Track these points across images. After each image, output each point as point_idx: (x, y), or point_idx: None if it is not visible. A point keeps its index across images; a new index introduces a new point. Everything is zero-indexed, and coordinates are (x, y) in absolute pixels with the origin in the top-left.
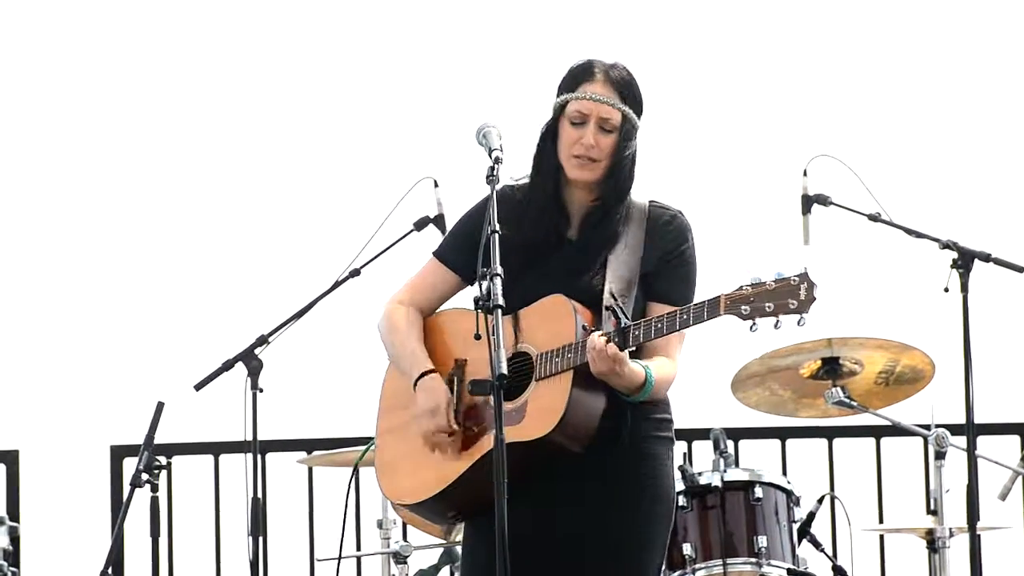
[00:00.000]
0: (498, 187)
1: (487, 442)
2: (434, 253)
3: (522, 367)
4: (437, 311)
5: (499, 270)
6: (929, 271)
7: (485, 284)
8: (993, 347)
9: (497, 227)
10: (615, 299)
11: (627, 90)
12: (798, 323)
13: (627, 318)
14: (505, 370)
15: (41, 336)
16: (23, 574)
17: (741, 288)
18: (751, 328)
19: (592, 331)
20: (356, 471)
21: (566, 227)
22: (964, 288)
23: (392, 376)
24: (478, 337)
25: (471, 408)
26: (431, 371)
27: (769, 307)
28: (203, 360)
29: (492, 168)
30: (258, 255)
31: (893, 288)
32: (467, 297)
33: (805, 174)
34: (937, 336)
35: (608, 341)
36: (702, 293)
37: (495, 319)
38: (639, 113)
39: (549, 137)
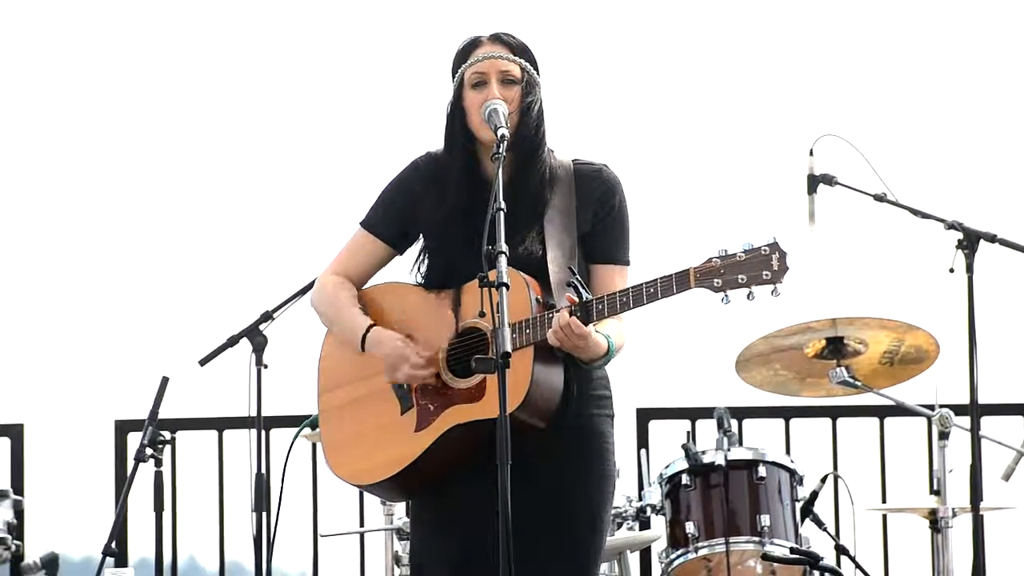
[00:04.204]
0: (420, 156)
1: (446, 420)
2: (361, 223)
3: (475, 343)
4: (371, 284)
5: (504, 247)
6: (934, 251)
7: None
8: (998, 328)
9: (503, 205)
10: (573, 273)
11: (518, 47)
12: (772, 293)
13: (587, 292)
14: (509, 348)
15: (47, 311)
16: (27, 548)
17: (710, 260)
18: (723, 300)
19: (545, 303)
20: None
21: (487, 197)
22: (969, 269)
23: (328, 354)
24: (482, 314)
25: (424, 386)
26: (372, 325)
27: (742, 279)
28: (208, 336)
29: (498, 145)
30: (263, 232)
31: (898, 268)
32: (398, 270)
33: (811, 154)
34: (942, 316)
35: (571, 315)
36: (670, 266)
37: (500, 296)
38: (536, 69)
39: (456, 113)
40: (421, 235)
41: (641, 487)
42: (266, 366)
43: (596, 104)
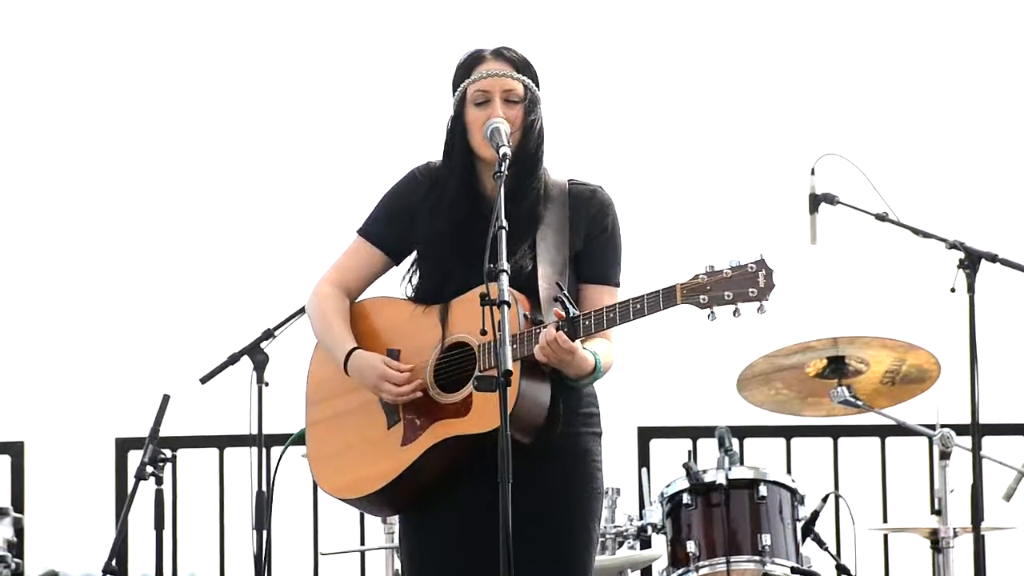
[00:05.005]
0: (419, 166)
1: (432, 435)
2: (359, 231)
3: (462, 358)
4: (362, 298)
5: (505, 266)
6: (936, 271)
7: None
8: (999, 347)
9: (504, 223)
10: (561, 289)
11: (521, 63)
12: (758, 310)
13: (575, 308)
14: (511, 366)
15: (47, 328)
16: (27, 566)
17: (697, 277)
18: (709, 317)
19: (533, 319)
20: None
21: (485, 211)
22: (971, 288)
23: (316, 367)
24: (484, 332)
25: (411, 400)
26: (355, 348)
27: (728, 295)
28: (209, 353)
29: (500, 164)
30: (264, 249)
31: (900, 288)
32: (389, 285)
33: (813, 173)
34: (943, 336)
35: (558, 330)
36: (663, 283)
37: (502, 314)
38: (537, 85)
39: (457, 128)
40: (415, 247)
41: (642, 506)
42: (267, 384)
43: (597, 121)
